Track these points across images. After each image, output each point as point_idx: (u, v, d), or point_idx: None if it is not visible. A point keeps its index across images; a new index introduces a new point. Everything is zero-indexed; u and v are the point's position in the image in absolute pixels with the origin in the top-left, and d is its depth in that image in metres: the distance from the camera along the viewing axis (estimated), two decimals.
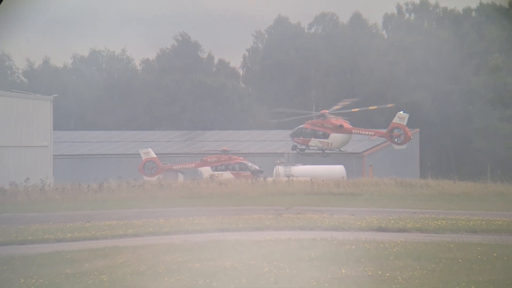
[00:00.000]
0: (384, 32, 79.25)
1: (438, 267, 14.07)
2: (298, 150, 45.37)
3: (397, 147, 43.91)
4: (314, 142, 44.27)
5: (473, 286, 12.59)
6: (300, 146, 45.07)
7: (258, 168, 45.66)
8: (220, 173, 44.44)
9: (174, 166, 47.82)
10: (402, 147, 43.96)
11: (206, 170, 45.51)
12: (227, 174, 44.35)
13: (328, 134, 43.94)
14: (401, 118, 43.08)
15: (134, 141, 58.54)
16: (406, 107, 69.22)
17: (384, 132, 44.04)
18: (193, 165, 46.94)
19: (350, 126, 44.56)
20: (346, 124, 44.57)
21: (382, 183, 36.56)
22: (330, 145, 44.07)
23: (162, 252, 16.21)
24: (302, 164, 46.02)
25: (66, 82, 74.37)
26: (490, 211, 26.28)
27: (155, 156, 48.04)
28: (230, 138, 58.52)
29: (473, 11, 73.09)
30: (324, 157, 45.00)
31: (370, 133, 45.05)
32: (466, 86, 66.01)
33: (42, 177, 36.25)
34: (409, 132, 43.40)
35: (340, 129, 44.04)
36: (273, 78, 74.97)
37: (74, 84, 74.99)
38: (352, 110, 45.53)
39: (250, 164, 45.90)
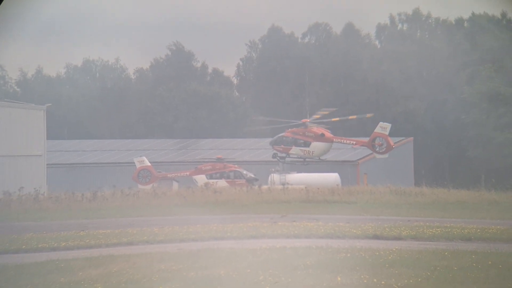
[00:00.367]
0: (377, 42, 79.74)
1: (433, 275, 14.08)
2: (278, 158, 45.53)
3: (379, 156, 44.20)
4: (295, 150, 44.41)
5: None
6: (280, 154, 45.27)
7: (253, 176, 45.61)
8: (215, 181, 44.36)
9: (168, 175, 47.71)
10: (384, 156, 44.24)
11: (201, 178, 45.43)
12: (222, 182, 44.26)
13: (309, 142, 44.09)
14: (383, 128, 43.35)
15: (129, 149, 58.41)
16: (400, 116, 69.64)
17: (366, 141, 44.27)
18: (187, 173, 46.85)
19: (331, 135, 44.86)
20: (328, 133, 44.83)
21: (377, 191, 36.59)
22: (311, 153, 44.23)
23: (156, 260, 16.15)
24: (297, 172, 46.05)
25: (60, 91, 74.27)
26: (484, 219, 26.34)
27: (150, 164, 47.93)
28: (224, 146, 58.47)
29: (465, 21, 73.63)
30: (305, 165, 45.16)
31: (352, 142, 45.28)
32: (459, 95, 66.33)
33: (36, 186, 36.02)
34: (391, 141, 43.62)
35: (321, 138, 44.25)
36: (267, 86, 75.15)
37: (68, 93, 74.89)
38: (332, 119, 45.96)
39: (245, 172, 45.84)
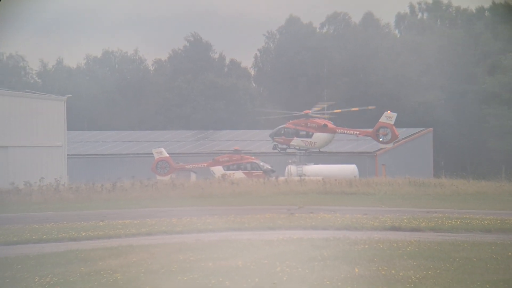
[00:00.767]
0: (396, 31, 78.85)
1: (452, 267, 13.98)
2: (279, 150, 45.58)
3: (383, 146, 43.92)
4: (296, 141, 44.48)
5: (487, 286, 12.49)
6: (281, 146, 45.34)
7: (270, 167, 45.60)
8: (232, 172, 44.47)
9: (186, 166, 47.93)
10: (388, 146, 44.06)
11: (218, 170, 45.54)
12: (239, 174, 44.35)
13: (312, 133, 44.06)
14: (388, 117, 43.03)
15: (147, 141, 58.74)
16: (420, 107, 68.89)
17: (370, 131, 44.03)
18: (205, 164, 47.02)
19: (334, 126, 44.86)
20: (330, 124, 44.83)
21: (395, 183, 36.31)
22: (314, 144, 44.26)
23: (175, 251, 16.27)
24: (314, 163, 45.96)
25: (79, 82, 74.81)
26: (504, 211, 26.05)
27: (168, 155, 48.18)
28: (241, 137, 58.51)
29: (486, 11, 72.41)
30: (307, 156, 45.14)
31: (355, 132, 45.06)
32: (480, 85, 65.39)
33: (56, 176, 36.47)
34: (396, 131, 43.30)
35: (324, 128, 44.19)
36: (284, 78, 74.80)
37: (87, 84, 75.41)
38: (334, 111, 45.95)
39: (262, 163, 45.84)
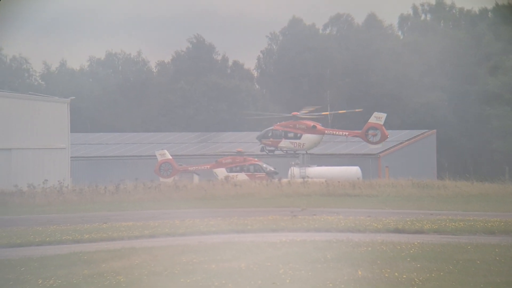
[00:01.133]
0: (399, 33, 78.80)
1: (455, 269, 13.96)
2: (267, 152, 45.87)
3: (372, 147, 44.00)
4: (284, 143, 44.64)
5: None
6: (269, 148, 45.63)
7: (273, 169, 45.60)
8: (235, 174, 44.47)
9: (189, 168, 47.96)
10: (377, 146, 44.03)
11: (221, 172, 45.57)
12: (242, 176, 44.34)
13: (300, 135, 44.16)
14: (377, 118, 43.03)
15: (150, 142, 58.79)
16: (422, 108, 68.84)
17: (359, 132, 44.10)
18: (208, 166, 47.04)
19: (323, 128, 45.05)
20: (319, 125, 44.98)
21: (399, 184, 36.25)
22: (302, 145, 44.37)
23: (178, 253, 16.28)
24: (317, 165, 45.96)
25: (83, 84, 74.98)
26: (508, 212, 25.95)
27: (171, 157, 48.21)
28: (244, 139, 58.51)
29: (489, 12, 72.38)
30: (295, 157, 45.34)
31: (344, 133, 45.16)
32: (483, 86, 65.29)
33: (59, 178, 36.52)
34: (385, 131, 43.29)
35: (313, 130, 44.34)
36: (287, 79, 74.82)
37: (91, 86, 75.58)
38: (322, 113, 46.06)
39: (265, 165, 45.87)
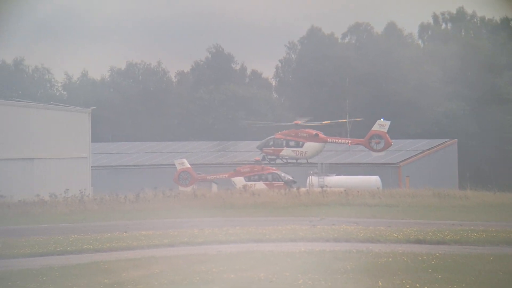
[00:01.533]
0: (419, 41, 78.30)
1: (477, 280, 13.77)
2: (268, 161, 46.08)
3: (375, 154, 43.99)
4: (286, 151, 44.85)
5: None
6: (270, 157, 45.86)
7: (291, 178, 45.50)
8: (253, 183, 44.47)
9: (208, 176, 48.09)
10: (381, 154, 44.00)
11: (239, 180, 45.60)
12: (260, 185, 44.32)
13: (302, 143, 44.31)
14: (381, 125, 43.09)
15: (169, 151, 59.15)
16: (443, 117, 68.19)
17: (362, 140, 44.10)
18: (226, 175, 47.13)
19: (325, 136, 45.20)
20: (321, 134, 45.16)
21: (419, 194, 35.87)
22: (304, 154, 44.58)
23: (197, 262, 16.29)
24: (336, 174, 45.75)
25: (104, 94, 75.81)
26: None
27: (190, 166, 48.42)
28: None
29: (510, 21, 71.65)
30: (297, 166, 45.41)
31: (347, 141, 45.23)
32: (504, 96, 64.50)
33: (81, 188, 36.78)
34: (389, 139, 43.24)
35: (315, 138, 44.56)
36: (306, 88, 74.76)
37: (111, 96, 76.37)
38: (323, 122, 46.20)
39: (283, 174, 45.78)
